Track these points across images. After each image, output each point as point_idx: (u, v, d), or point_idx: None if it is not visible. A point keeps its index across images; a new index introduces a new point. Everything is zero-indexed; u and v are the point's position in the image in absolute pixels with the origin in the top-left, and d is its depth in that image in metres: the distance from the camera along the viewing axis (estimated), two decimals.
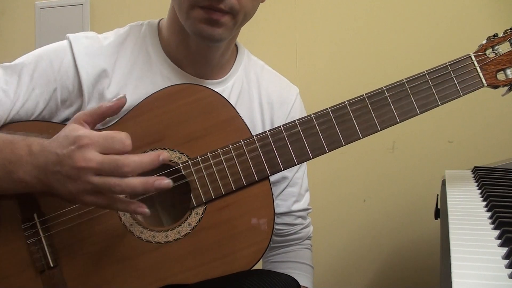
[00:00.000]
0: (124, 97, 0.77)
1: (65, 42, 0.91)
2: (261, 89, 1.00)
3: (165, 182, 0.72)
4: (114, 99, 0.77)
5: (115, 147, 0.71)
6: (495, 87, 0.86)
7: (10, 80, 0.86)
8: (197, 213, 0.83)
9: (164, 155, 0.73)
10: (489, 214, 0.72)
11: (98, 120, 0.77)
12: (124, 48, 0.92)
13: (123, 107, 0.77)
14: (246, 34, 1.00)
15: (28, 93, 0.86)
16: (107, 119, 0.88)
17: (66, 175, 0.71)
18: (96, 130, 0.86)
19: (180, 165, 0.83)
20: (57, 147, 0.72)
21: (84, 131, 0.72)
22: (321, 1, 1.66)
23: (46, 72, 0.87)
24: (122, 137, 0.72)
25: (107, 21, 1.85)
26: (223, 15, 0.83)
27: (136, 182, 0.71)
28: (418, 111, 0.84)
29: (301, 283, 0.94)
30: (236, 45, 1.01)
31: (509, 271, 0.52)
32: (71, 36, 0.91)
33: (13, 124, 0.85)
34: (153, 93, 0.86)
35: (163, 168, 0.83)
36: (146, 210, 0.73)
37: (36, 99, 0.87)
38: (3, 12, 1.96)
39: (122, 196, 0.74)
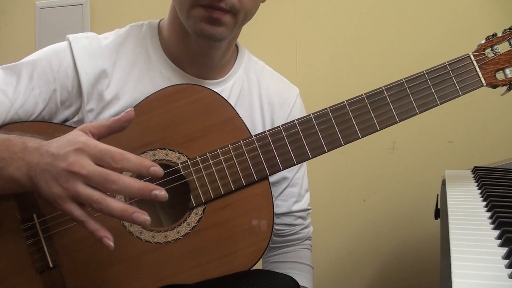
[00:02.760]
0: (132, 111, 0.74)
1: (65, 43, 0.91)
2: (261, 90, 1.00)
3: (144, 218, 0.67)
4: (122, 113, 0.74)
5: (105, 160, 0.69)
6: (494, 86, 0.86)
7: (10, 80, 0.86)
8: (196, 213, 0.83)
9: (159, 195, 0.68)
10: (489, 214, 0.72)
11: (104, 133, 0.74)
12: (124, 48, 0.92)
13: (131, 121, 0.74)
14: (246, 34, 1.00)
15: (27, 93, 0.86)
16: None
17: (55, 176, 0.69)
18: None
19: (180, 165, 0.83)
20: (55, 148, 0.70)
21: (85, 138, 0.70)
22: (321, 1, 1.66)
23: (45, 73, 0.87)
24: (115, 153, 0.69)
25: (107, 21, 1.85)
26: (224, 14, 0.83)
27: (117, 205, 0.67)
28: (417, 111, 0.84)
29: (300, 283, 0.94)
30: (236, 46, 1.01)
31: (509, 271, 0.52)
32: (71, 36, 0.91)
33: (12, 125, 0.85)
34: (152, 93, 0.86)
35: (162, 169, 0.83)
36: (111, 243, 0.69)
37: (35, 99, 0.87)
38: (3, 12, 1.96)
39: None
